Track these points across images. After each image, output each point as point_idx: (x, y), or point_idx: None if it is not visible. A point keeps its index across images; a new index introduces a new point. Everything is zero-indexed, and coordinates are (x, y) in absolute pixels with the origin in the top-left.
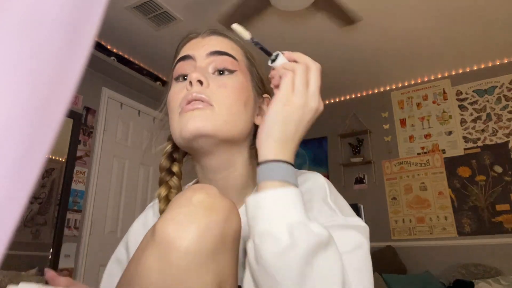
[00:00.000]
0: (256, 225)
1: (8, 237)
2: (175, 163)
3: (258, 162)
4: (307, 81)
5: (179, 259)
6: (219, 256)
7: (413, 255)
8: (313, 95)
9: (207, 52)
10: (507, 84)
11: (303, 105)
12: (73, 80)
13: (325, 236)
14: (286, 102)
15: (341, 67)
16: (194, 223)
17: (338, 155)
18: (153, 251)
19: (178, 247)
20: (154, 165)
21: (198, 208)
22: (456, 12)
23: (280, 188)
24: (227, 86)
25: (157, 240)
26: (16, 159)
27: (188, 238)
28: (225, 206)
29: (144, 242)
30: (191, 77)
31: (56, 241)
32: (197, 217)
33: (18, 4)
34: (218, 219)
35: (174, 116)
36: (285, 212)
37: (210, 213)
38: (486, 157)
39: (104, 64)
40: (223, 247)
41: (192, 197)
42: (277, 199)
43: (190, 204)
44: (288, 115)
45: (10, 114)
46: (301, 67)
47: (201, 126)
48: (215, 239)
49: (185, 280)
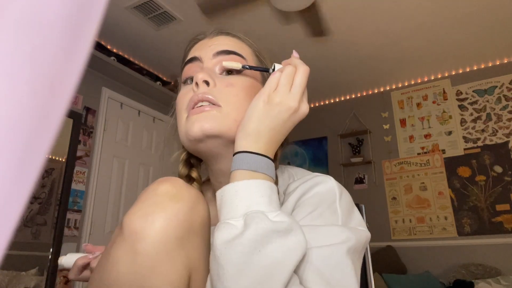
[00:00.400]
0: (221, 214)
1: (8, 237)
2: (193, 169)
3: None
4: (292, 81)
5: (147, 248)
6: (188, 243)
7: (413, 255)
8: (295, 94)
9: (213, 52)
10: (507, 84)
11: (281, 104)
12: (73, 80)
13: (286, 224)
14: (266, 99)
15: (341, 67)
16: (160, 213)
17: (338, 155)
18: (121, 243)
19: (146, 237)
20: (154, 165)
21: (163, 198)
22: (456, 12)
23: (246, 179)
24: (235, 85)
25: (125, 232)
26: (16, 159)
27: (155, 228)
28: (191, 195)
29: (113, 237)
30: (197, 78)
31: (56, 241)
32: (162, 206)
33: (17, 3)
34: (183, 208)
35: (181, 118)
36: (246, 201)
37: (176, 202)
38: (486, 157)
39: (104, 64)
40: (191, 234)
41: (157, 189)
42: (240, 190)
43: (155, 195)
44: (266, 111)
45: (10, 114)
46: (289, 68)
47: (208, 127)
48: (182, 226)
49: (155, 269)
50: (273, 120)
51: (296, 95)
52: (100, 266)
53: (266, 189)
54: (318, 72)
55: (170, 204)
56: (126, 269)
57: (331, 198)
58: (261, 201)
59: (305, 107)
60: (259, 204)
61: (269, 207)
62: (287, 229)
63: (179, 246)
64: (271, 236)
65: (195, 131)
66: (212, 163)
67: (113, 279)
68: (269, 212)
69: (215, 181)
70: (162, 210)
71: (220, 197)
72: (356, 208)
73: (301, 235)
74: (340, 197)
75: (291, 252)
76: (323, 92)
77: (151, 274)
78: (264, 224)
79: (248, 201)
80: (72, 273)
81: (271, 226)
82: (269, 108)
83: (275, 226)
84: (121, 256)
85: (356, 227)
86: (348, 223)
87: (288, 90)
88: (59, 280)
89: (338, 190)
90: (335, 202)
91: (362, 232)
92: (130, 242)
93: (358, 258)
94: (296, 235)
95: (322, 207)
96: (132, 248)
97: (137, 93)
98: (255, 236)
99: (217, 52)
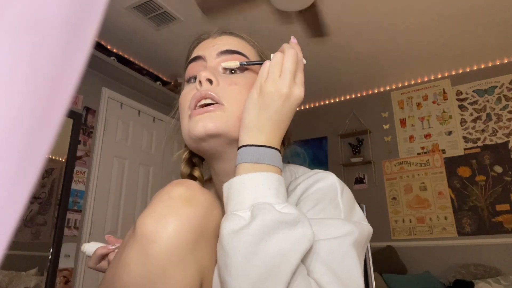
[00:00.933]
0: (228, 206)
1: (8, 237)
2: (195, 168)
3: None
4: (281, 68)
5: (159, 252)
6: (200, 248)
7: (413, 255)
8: (284, 80)
9: (217, 52)
10: (507, 84)
11: (273, 92)
12: (73, 80)
13: (293, 216)
14: (259, 90)
15: (341, 67)
16: (173, 216)
17: (338, 155)
18: (134, 246)
19: (158, 240)
20: (154, 165)
21: (177, 202)
22: (456, 12)
23: (251, 171)
24: (238, 83)
25: (137, 234)
26: (16, 159)
27: (168, 231)
28: (205, 199)
29: (126, 238)
30: (200, 76)
31: (56, 241)
32: (176, 210)
33: (17, 3)
34: (197, 212)
35: (184, 117)
36: (253, 193)
37: (189, 206)
38: (486, 157)
39: (104, 64)
40: (204, 239)
41: (171, 191)
42: (247, 182)
43: (169, 198)
44: (260, 102)
45: (10, 114)
46: (277, 55)
47: (212, 126)
48: (195, 231)
49: (166, 272)
50: (269, 109)
51: (286, 81)
52: (112, 267)
53: (273, 181)
54: (318, 72)
55: (183, 208)
56: (137, 271)
57: (333, 193)
58: (268, 193)
59: (298, 90)
60: (266, 196)
61: (276, 199)
62: (294, 220)
63: (191, 250)
64: (278, 227)
65: (198, 130)
66: (215, 162)
67: (124, 281)
68: (276, 204)
69: (218, 180)
70: (175, 214)
71: (227, 190)
72: (357, 204)
73: (308, 227)
74: (342, 192)
75: (298, 243)
76: (323, 92)
77: (162, 278)
78: (272, 215)
79: (255, 193)
80: (91, 261)
81: (278, 217)
82: (262, 99)
83: (282, 217)
84: (132, 258)
85: (358, 221)
86: (350, 218)
87: (278, 77)
88: (59, 280)
89: (339, 186)
90: (337, 197)
91: (364, 226)
92: (142, 245)
93: (362, 252)
94: (303, 226)
95: (325, 202)
96: (144, 251)
97: (137, 93)
98: (262, 227)
99: (220, 52)
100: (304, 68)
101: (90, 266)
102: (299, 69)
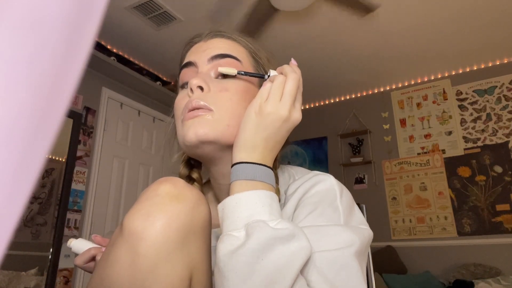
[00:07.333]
0: (223, 227)
1: (8, 237)
2: (194, 169)
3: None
4: (282, 90)
5: (147, 249)
6: (189, 244)
7: (413, 255)
8: (285, 103)
9: (208, 57)
10: (507, 84)
11: (272, 113)
12: (73, 80)
13: (288, 231)
14: (257, 110)
15: (341, 67)
16: (161, 213)
17: (338, 155)
18: (122, 244)
19: (146, 237)
20: (154, 165)
21: (164, 199)
22: (456, 12)
23: (245, 189)
24: (229, 89)
25: (125, 233)
26: (16, 159)
27: (156, 228)
28: (192, 195)
29: (114, 237)
30: (191, 84)
31: (56, 241)
32: (163, 207)
33: (17, 3)
34: (185, 208)
35: (178, 123)
36: (247, 212)
37: (177, 202)
38: (486, 157)
39: (104, 64)
40: (192, 235)
41: (158, 189)
42: (240, 201)
43: (156, 196)
44: (258, 122)
45: (10, 114)
46: (279, 78)
47: (202, 133)
48: (183, 227)
49: (155, 270)
50: (266, 130)
51: (286, 104)
52: (100, 266)
53: (266, 198)
54: (318, 72)
55: (171, 204)
56: (126, 270)
57: (332, 196)
58: (262, 210)
59: (297, 114)
60: (260, 214)
61: (270, 216)
62: (289, 235)
63: (180, 247)
64: (273, 243)
65: (190, 137)
66: (211, 166)
67: (113, 280)
68: (270, 220)
69: (215, 182)
70: (162, 211)
71: (221, 210)
72: (356, 206)
73: (304, 240)
74: (341, 195)
75: (295, 257)
76: (323, 92)
77: (151, 275)
78: (266, 232)
79: (249, 211)
80: (80, 260)
81: (272, 233)
82: (261, 119)
83: (276, 233)
84: (121, 257)
85: (358, 225)
86: (349, 221)
87: (279, 100)
88: (59, 280)
89: (338, 188)
90: (336, 200)
91: (365, 231)
92: (130, 243)
93: (363, 259)
94: (299, 240)
95: (323, 206)
96: (132, 249)
97: (137, 93)
98: (257, 245)
99: (211, 57)
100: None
101: (77, 264)
102: (299, 93)
